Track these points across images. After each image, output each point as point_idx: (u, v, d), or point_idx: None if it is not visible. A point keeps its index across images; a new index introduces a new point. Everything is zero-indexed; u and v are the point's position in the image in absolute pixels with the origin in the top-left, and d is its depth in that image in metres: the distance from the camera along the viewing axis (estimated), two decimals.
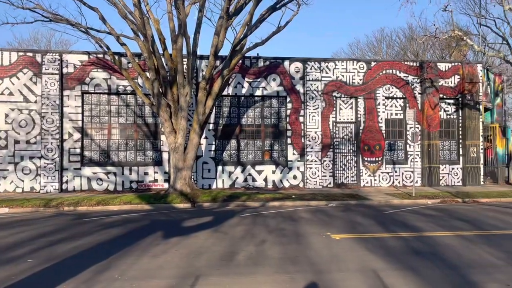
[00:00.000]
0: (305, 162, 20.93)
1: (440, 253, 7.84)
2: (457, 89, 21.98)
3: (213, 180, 20.35)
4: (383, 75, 21.61)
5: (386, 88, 21.61)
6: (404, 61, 22.40)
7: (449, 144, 22.32)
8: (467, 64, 22.17)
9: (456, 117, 22.31)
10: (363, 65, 21.60)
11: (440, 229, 10.07)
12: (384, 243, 8.61)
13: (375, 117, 21.52)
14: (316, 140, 21.00)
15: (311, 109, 21.02)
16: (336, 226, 10.63)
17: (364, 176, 21.40)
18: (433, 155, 21.55)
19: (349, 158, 21.48)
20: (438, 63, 22.21)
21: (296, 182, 20.92)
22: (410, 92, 21.76)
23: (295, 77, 21.00)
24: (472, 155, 21.88)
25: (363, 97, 21.46)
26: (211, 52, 16.39)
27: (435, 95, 21.61)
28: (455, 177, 21.99)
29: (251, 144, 21.01)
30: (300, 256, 7.61)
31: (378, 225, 10.68)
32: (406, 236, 9.33)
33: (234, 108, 20.93)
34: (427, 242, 8.68)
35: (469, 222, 11.08)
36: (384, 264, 7.12)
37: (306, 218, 11.98)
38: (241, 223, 10.99)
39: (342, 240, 8.89)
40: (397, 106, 21.86)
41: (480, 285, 6.09)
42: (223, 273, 6.64)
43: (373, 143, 21.49)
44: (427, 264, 7.12)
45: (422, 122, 21.64)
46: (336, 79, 21.28)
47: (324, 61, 21.35)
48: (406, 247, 8.28)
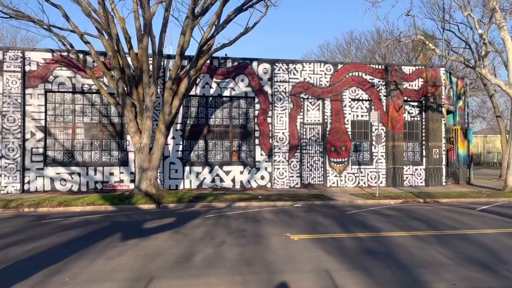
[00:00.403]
0: (273, 163, 21.06)
1: (394, 253, 8.05)
2: (421, 92, 22.57)
3: (180, 180, 20.23)
4: (350, 77, 21.97)
5: (352, 90, 21.98)
6: (370, 64, 22.83)
7: (413, 145, 22.89)
8: (431, 68, 22.79)
9: (419, 119, 22.91)
10: (330, 67, 21.91)
11: (397, 229, 10.33)
12: (341, 244, 8.77)
13: (341, 119, 21.85)
14: (284, 141, 21.17)
15: (279, 110, 21.17)
16: (297, 226, 10.75)
17: (330, 177, 21.70)
18: (397, 156, 22.05)
19: (316, 159, 21.74)
20: (403, 67, 22.74)
21: (263, 183, 21.02)
22: (375, 95, 22.20)
23: (263, 78, 21.11)
24: (435, 157, 22.50)
25: (330, 98, 21.76)
26: (177, 52, 16.29)
27: (400, 97, 22.12)
28: (419, 178, 22.57)
29: (219, 145, 20.99)
30: (257, 257, 7.67)
31: (338, 226, 10.86)
32: (363, 236, 9.53)
33: (202, 108, 20.86)
34: (382, 242, 8.89)
35: (426, 222, 11.40)
36: (338, 264, 7.26)
37: (269, 218, 12.07)
38: (203, 224, 10.98)
39: (300, 241, 9.01)
40: (363, 108, 22.26)
41: (428, 284, 6.28)
42: (177, 275, 6.63)
43: (340, 144, 21.82)
44: (380, 264, 7.30)
45: (387, 124, 22.11)
46: (304, 81, 21.50)
47: (292, 63, 21.54)
48: (362, 248, 8.46)
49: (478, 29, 17.86)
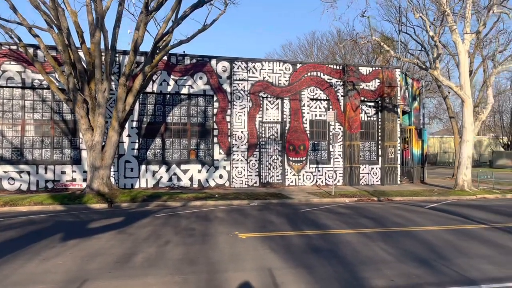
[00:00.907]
0: (232, 162, 20.95)
1: (339, 250, 8.10)
2: (377, 92, 23.01)
3: (136, 179, 19.79)
4: (308, 77, 22.14)
5: (311, 90, 22.16)
6: (328, 64, 23.08)
7: (369, 145, 23.32)
8: (387, 69, 23.29)
9: (376, 119, 23.36)
10: (289, 67, 22.00)
11: (346, 227, 10.44)
12: (289, 242, 8.76)
13: (300, 118, 21.99)
14: (243, 139, 21.09)
15: (238, 109, 21.07)
16: (247, 225, 10.68)
17: (289, 176, 21.80)
18: (354, 156, 22.41)
19: (275, 158, 21.78)
20: (360, 67, 23.12)
21: (222, 182, 20.87)
22: (333, 94, 22.47)
23: (222, 76, 20.95)
24: (390, 156, 23.02)
25: (289, 98, 21.85)
26: (131, 47, 15.90)
27: (357, 97, 22.49)
28: (375, 176, 23.01)
29: (177, 143, 20.68)
30: (201, 256, 7.54)
31: (289, 224, 10.87)
32: (311, 234, 9.56)
33: (159, 105, 20.48)
34: (329, 240, 8.94)
35: (375, 220, 11.59)
36: (282, 262, 7.22)
37: (221, 217, 11.95)
38: (152, 224, 10.73)
39: (248, 239, 8.94)
40: (321, 108, 22.49)
41: (367, 281, 6.33)
42: (114, 276, 6.41)
43: (298, 143, 21.95)
44: (323, 261, 7.32)
45: (344, 124, 22.42)
46: (263, 80, 21.49)
47: (251, 61, 21.49)
48: (308, 245, 8.47)
49: (429, 31, 18.38)
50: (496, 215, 12.76)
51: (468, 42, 19.76)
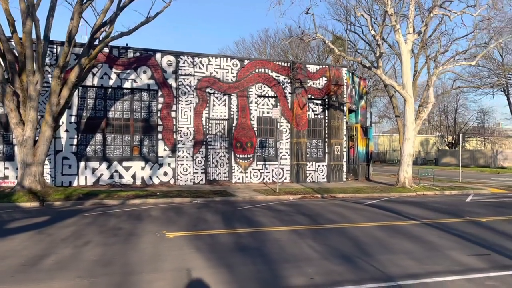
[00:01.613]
0: (177, 158, 20.48)
1: (265, 248, 7.94)
2: (324, 90, 23.21)
3: (74, 177, 18.93)
4: (256, 73, 21.99)
5: (258, 87, 22.02)
6: (276, 61, 23.04)
7: (316, 142, 23.49)
8: (334, 67, 23.53)
9: (323, 117, 23.56)
10: (237, 63, 21.76)
11: (279, 224, 10.33)
12: (217, 240, 8.52)
13: (247, 115, 21.81)
14: (188, 136, 20.67)
15: (184, 104, 20.62)
16: (179, 224, 10.35)
17: (236, 173, 21.59)
18: (301, 153, 22.50)
19: (222, 155, 21.50)
20: (307, 65, 23.22)
21: (166, 179, 20.36)
22: (281, 92, 22.44)
23: (167, 71, 20.42)
24: (336, 153, 23.29)
25: (236, 94, 21.62)
26: (66, 38, 15.13)
27: (304, 95, 22.58)
28: (321, 174, 23.22)
29: (119, 139, 19.96)
30: (119, 257, 7.15)
31: (223, 222, 10.64)
32: (242, 232, 9.37)
33: (100, 100, 19.69)
34: (259, 238, 8.78)
35: (311, 217, 11.57)
36: (204, 262, 6.96)
37: (154, 216, 11.55)
38: (77, 223, 10.18)
39: (175, 239, 8.62)
40: (269, 105, 22.40)
41: (286, 279, 6.18)
42: (17, 280, 5.92)
43: (245, 140, 21.77)
44: (247, 260, 7.12)
45: (292, 121, 22.46)
46: (210, 75, 21.14)
47: (197, 56, 21.07)
48: (236, 244, 8.27)
49: (371, 31, 18.68)
50: (430, 211, 13.08)
51: (411, 42, 20.27)
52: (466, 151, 47.79)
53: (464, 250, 8.08)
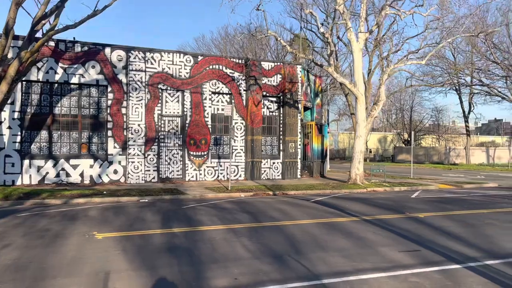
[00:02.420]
0: (127, 156, 19.96)
1: (196, 248, 7.74)
2: (279, 87, 23.19)
3: (17, 175, 18.10)
4: (210, 70, 21.70)
5: (213, 83, 21.75)
6: (230, 57, 22.83)
7: (271, 139, 23.46)
8: (288, 65, 23.54)
9: (278, 114, 23.54)
10: (190, 59, 21.40)
11: (219, 223, 10.14)
12: (148, 241, 8.25)
13: (201, 112, 21.51)
14: (140, 133, 20.17)
15: (135, 101, 20.10)
16: (115, 224, 10.00)
17: (189, 170, 21.27)
18: (256, 150, 22.40)
19: (175, 152, 21.11)
20: (262, 62, 23.14)
21: (117, 177, 19.81)
22: (236, 88, 22.26)
23: (117, 66, 19.83)
24: (291, 151, 23.34)
25: (190, 90, 21.27)
26: (3, 30, 14.34)
27: (259, 92, 22.48)
28: (276, 171, 23.22)
29: (66, 136, 19.24)
30: (36, 261, 6.77)
31: (161, 221, 10.36)
32: (178, 231, 9.14)
33: (46, 95, 18.90)
34: (193, 238, 8.57)
35: (253, 215, 11.45)
36: (127, 264, 6.69)
37: (91, 216, 11.12)
38: (4, 225, 9.64)
39: (104, 240, 8.28)
40: (223, 102, 22.17)
41: (208, 281, 6.00)
42: None
43: (199, 137, 21.47)
44: (173, 261, 6.90)
45: (246, 118, 22.32)
46: (162, 71, 20.70)
47: (149, 51, 20.58)
48: (167, 244, 8.03)
49: (320, 28, 18.77)
50: (373, 207, 13.23)
51: (362, 41, 20.50)
52: (421, 148, 49.17)
53: (397, 246, 8.16)
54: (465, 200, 15.42)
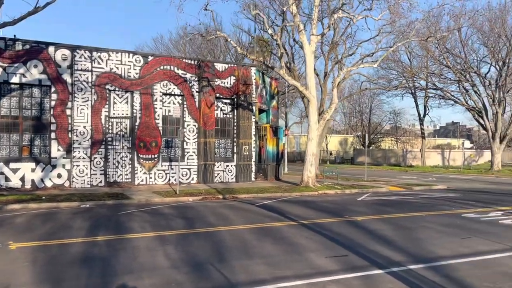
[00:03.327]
0: (72, 159, 19.17)
1: (115, 258, 7.33)
2: (233, 89, 22.91)
3: None
4: (161, 70, 21.18)
5: (164, 84, 21.23)
6: (182, 58, 22.40)
7: (225, 142, 23.14)
8: (242, 67, 23.31)
9: (231, 117, 23.24)
10: (140, 59, 20.82)
11: (150, 230, 9.74)
12: (64, 251, 7.77)
13: (152, 113, 20.95)
14: (86, 135, 19.43)
15: (80, 102, 19.35)
16: (37, 232, 9.43)
17: (139, 174, 20.66)
18: (208, 153, 22.03)
19: (124, 155, 20.46)
20: (216, 63, 22.82)
21: (60, 181, 18.98)
22: (188, 90, 21.81)
23: (61, 65, 19.04)
24: (245, 153, 23.10)
25: (139, 91, 20.68)
26: None
27: (212, 94, 22.13)
28: (230, 174, 22.91)
29: (5, 138, 18.30)
30: None
31: (89, 229, 9.85)
32: (102, 240, 8.69)
33: None
34: (116, 246, 8.14)
35: (190, 220, 11.11)
36: (30, 278, 6.21)
37: (17, 223, 10.50)
38: None
39: (17, 250, 7.74)
40: (175, 103, 21.68)
41: None
42: None
43: (150, 140, 20.90)
44: (83, 273, 6.47)
45: (199, 120, 21.92)
46: (110, 71, 20.03)
47: (96, 51, 19.87)
48: (84, 254, 7.58)
49: (268, 30, 18.64)
50: (316, 211, 13.12)
51: (314, 44, 20.51)
52: (380, 151, 50.08)
53: (325, 251, 8.00)
54: (409, 203, 15.58)
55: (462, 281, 6.43)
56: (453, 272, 6.82)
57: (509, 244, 8.74)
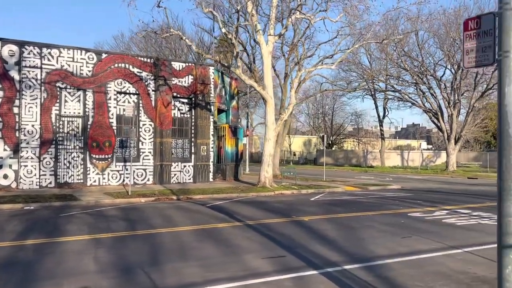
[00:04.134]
0: (20, 159, 18.41)
1: (39, 263, 6.95)
2: (191, 89, 22.60)
3: None
4: (115, 68, 20.64)
5: (118, 83, 20.70)
6: (138, 56, 21.95)
7: (183, 142, 22.79)
8: (200, 66, 23.05)
9: (189, 116, 22.91)
10: (93, 56, 20.22)
11: (86, 233, 9.36)
12: None
13: (105, 112, 20.38)
14: (34, 134, 18.69)
15: (29, 100, 18.61)
16: None
17: (91, 175, 20.05)
18: (165, 153, 21.64)
19: (75, 155, 19.81)
20: (173, 62, 22.46)
21: (7, 182, 18.19)
22: (144, 89, 21.35)
23: (8, 62, 18.25)
24: (203, 154, 22.83)
25: (92, 90, 20.08)
26: None
27: (169, 93, 21.75)
28: (187, 174, 22.57)
29: None
30: None
31: (20, 232, 9.40)
32: (30, 243, 8.29)
33: None
34: (44, 250, 7.74)
35: (133, 222, 10.80)
36: None
37: None
38: None
39: None
40: (130, 102, 21.16)
41: None
42: None
43: (103, 139, 20.33)
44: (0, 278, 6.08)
45: (155, 120, 21.49)
46: (61, 68, 19.36)
47: (46, 47, 19.16)
48: (7, 258, 7.17)
49: (221, 28, 18.47)
50: (266, 211, 13.03)
51: (272, 44, 20.47)
52: (342, 151, 50.77)
53: (263, 252, 7.88)
54: (359, 202, 15.73)
55: (394, 280, 6.44)
56: (387, 272, 6.83)
57: (448, 243, 8.87)
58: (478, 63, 4.13)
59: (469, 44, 4.18)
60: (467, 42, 4.20)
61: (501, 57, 3.83)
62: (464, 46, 4.24)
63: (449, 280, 6.37)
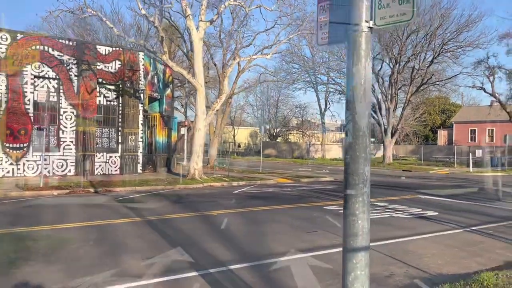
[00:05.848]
0: None
1: None
2: (118, 75, 21.36)
3: None
4: (33, 51, 19.06)
5: (36, 66, 19.15)
6: (58, 38, 20.43)
7: (109, 131, 21.54)
8: (129, 51, 21.83)
9: (116, 104, 21.69)
10: (7, 37, 18.54)
11: None
12: None
13: (21, 98, 18.81)
14: None
15: None
16: None
17: (4, 165, 18.49)
18: (88, 143, 20.35)
19: None
20: (98, 46, 21.11)
21: None
22: (65, 73, 19.91)
23: None
24: (131, 144, 21.72)
25: (5, 73, 18.44)
26: None
27: (93, 79, 20.44)
28: (113, 165, 21.40)
29: None
30: None
31: None
32: None
33: None
34: None
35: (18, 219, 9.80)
36: None
37: None
38: None
39: None
40: (50, 87, 19.67)
41: None
42: None
43: (18, 127, 18.78)
44: None
45: (78, 107, 20.13)
46: None
47: None
48: None
49: (141, 10, 17.44)
50: (178, 205, 12.37)
51: (203, 30, 19.64)
52: (285, 143, 50.84)
53: (148, 252, 7.16)
54: (282, 195, 15.38)
55: (278, 280, 5.97)
56: (275, 271, 6.35)
57: None
58: (331, 39, 3.61)
59: (323, 18, 3.65)
60: (320, 15, 3.66)
61: (350, 31, 3.32)
62: (318, 21, 3.70)
63: (336, 280, 5.97)
